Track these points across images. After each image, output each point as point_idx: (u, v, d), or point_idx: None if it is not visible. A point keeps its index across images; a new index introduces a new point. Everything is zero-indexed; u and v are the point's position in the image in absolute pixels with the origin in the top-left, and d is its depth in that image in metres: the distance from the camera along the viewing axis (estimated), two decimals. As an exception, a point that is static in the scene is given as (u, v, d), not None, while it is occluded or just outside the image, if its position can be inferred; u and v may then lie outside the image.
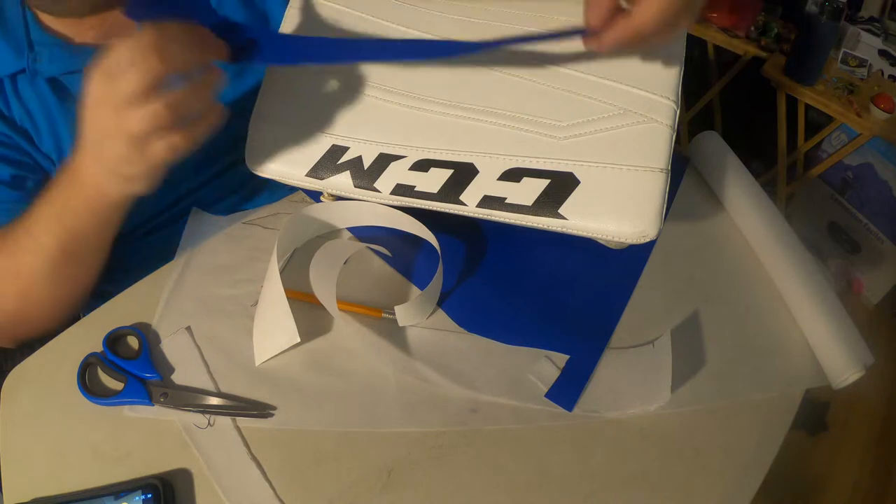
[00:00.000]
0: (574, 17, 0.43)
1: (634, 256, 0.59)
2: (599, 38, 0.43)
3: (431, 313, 0.54)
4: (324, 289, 0.51)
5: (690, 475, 0.47)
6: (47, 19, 0.57)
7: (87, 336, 0.51)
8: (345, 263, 0.55)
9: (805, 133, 1.58)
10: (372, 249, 0.58)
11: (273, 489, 0.44)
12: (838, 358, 0.52)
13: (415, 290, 0.55)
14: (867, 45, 1.50)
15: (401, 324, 0.52)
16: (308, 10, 0.56)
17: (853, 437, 1.39)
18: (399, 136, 0.51)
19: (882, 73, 1.50)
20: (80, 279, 0.54)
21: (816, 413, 1.38)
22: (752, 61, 1.52)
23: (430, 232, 0.53)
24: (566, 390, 0.50)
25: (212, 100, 0.44)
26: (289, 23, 0.56)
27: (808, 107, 1.48)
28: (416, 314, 0.53)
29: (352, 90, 0.53)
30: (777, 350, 0.55)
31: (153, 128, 0.42)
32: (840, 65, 1.50)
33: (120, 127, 0.41)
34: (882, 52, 1.49)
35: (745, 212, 0.62)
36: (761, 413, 0.51)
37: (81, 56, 0.57)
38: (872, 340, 0.53)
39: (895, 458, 1.36)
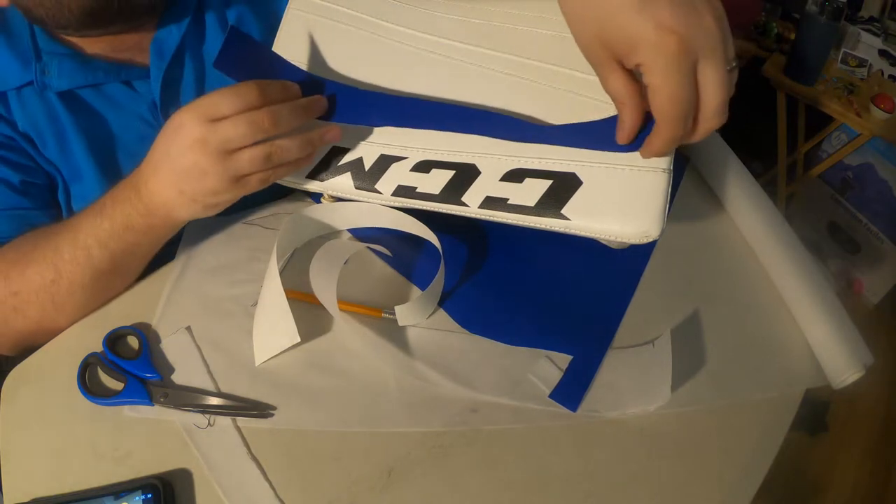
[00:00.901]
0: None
1: (636, 256, 0.59)
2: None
3: (432, 313, 0.54)
4: (324, 289, 0.51)
5: (690, 475, 0.47)
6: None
7: (87, 336, 0.51)
8: (345, 263, 0.55)
9: (805, 133, 1.58)
10: (372, 249, 0.58)
11: (273, 489, 0.44)
12: (838, 358, 0.52)
13: (415, 291, 0.55)
14: (867, 45, 1.50)
15: (401, 324, 0.52)
16: (308, 10, 0.56)
17: (853, 437, 1.39)
18: (400, 137, 0.51)
19: (882, 73, 1.50)
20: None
21: (816, 413, 1.38)
22: (752, 61, 1.52)
23: (431, 232, 0.53)
24: (570, 391, 0.50)
25: (313, 151, 0.49)
26: (289, 22, 0.56)
27: (808, 107, 1.48)
28: (416, 314, 0.53)
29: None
30: (777, 350, 0.55)
31: (259, 169, 0.46)
32: (840, 65, 1.50)
33: (225, 168, 0.45)
34: (882, 52, 1.49)
35: (745, 212, 0.62)
36: (761, 413, 0.51)
37: (93, 71, 0.57)
38: (872, 340, 0.53)
39: (895, 458, 1.36)
